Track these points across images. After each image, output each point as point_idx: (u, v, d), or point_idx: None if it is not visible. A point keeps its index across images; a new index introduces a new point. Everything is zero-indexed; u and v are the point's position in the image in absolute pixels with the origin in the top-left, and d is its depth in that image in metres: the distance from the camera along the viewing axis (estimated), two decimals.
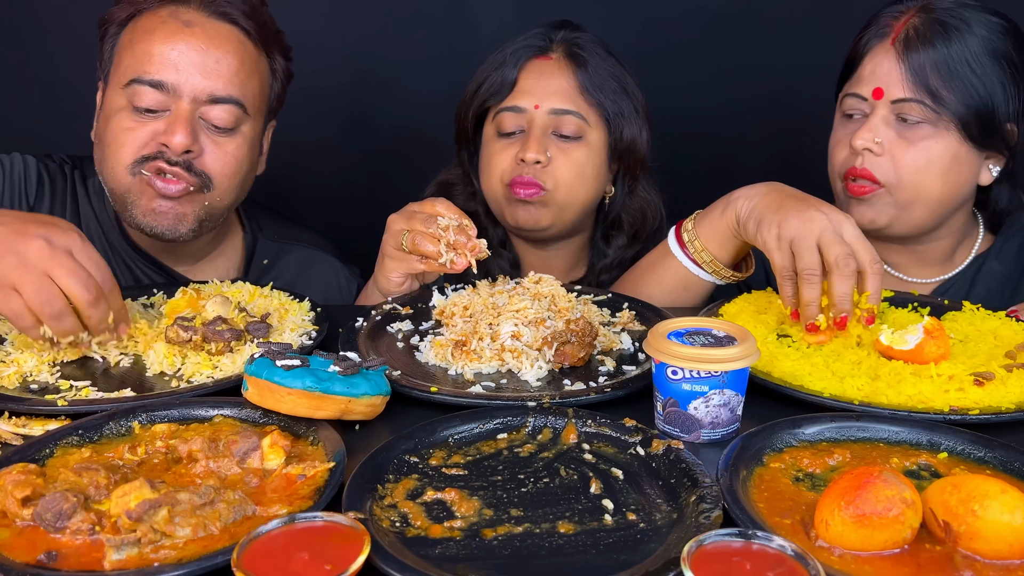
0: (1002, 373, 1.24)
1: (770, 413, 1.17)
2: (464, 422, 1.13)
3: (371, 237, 1.69)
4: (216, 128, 1.65)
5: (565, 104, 1.82)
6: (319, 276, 1.96)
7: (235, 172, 1.69)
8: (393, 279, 1.61)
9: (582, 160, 1.84)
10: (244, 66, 1.67)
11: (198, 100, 1.62)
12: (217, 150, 1.65)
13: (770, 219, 1.44)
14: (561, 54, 1.85)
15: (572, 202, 1.86)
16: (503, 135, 1.85)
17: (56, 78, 2.45)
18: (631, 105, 1.87)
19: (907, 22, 1.66)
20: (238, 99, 1.65)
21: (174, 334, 1.36)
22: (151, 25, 1.63)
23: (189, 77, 1.61)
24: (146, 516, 0.88)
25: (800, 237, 1.38)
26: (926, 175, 1.66)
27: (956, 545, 0.88)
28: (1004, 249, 1.80)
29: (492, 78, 1.86)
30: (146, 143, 1.61)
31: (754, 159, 2.52)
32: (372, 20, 2.49)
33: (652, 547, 0.90)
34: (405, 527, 0.93)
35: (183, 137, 1.59)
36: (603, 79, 1.84)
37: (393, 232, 1.57)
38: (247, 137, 1.71)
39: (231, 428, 1.11)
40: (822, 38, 2.29)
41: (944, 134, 1.65)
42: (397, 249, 1.56)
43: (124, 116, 1.62)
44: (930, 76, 1.62)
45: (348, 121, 2.58)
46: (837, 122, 1.79)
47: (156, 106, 1.61)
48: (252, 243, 1.92)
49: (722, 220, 1.57)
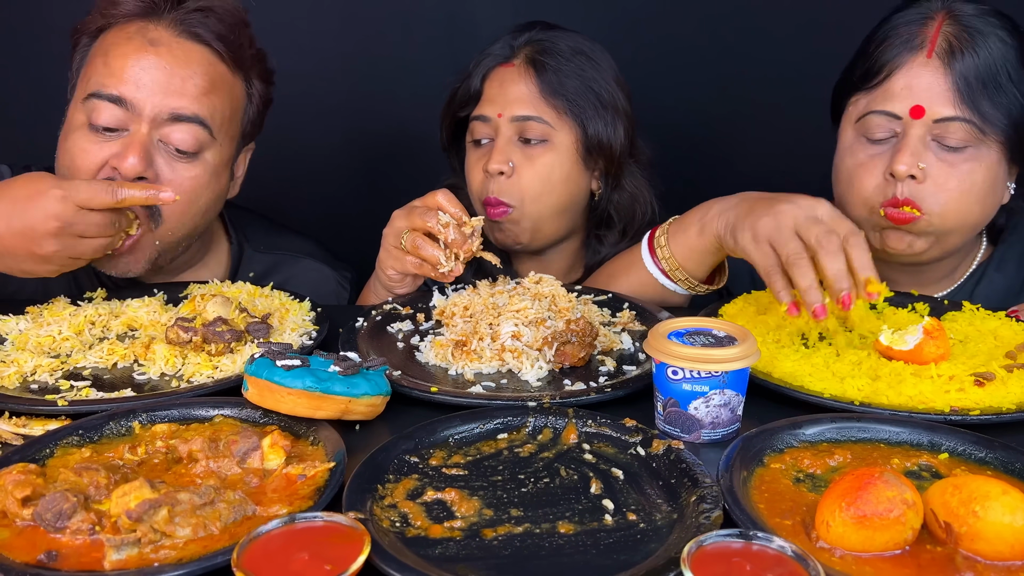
0: (1002, 373, 1.24)
1: (770, 413, 1.17)
2: (464, 422, 1.13)
3: (369, 237, 1.68)
4: (177, 152, 1.56)
5: (526, 110, 1.79)
6: (309, 285, 1.86)
7: (190, 201, 1.59)
8: (392, 276, 1.61)
9: (549, 166, 1.80)
10: (213, 87, 1.58)
11: (158, 119, 1.53)
12: (173, 176, 1.55)
13: (742, 225, 1.39)
14: (522, 60, 1.83)
15: (544, 211, 1.82)
16: (475, 145, 1.86)
17: (38, 87, 2.43)
18: (597, 102, 1.83)
19: (939, 30, 1.52)
20: (203, 119, 1.56)
21: (174, 335, 1.35)
22: (118, 40, 1.56)
23: (151, 95, 1.52)
24: (146, 516, 0.88)
25: (774, 231, 1.33)
26: (969, 200, 1.54)
27: (957, 546, 0.87)
28: (1005, 258, 1.73)
29: (463, 88, 1.87)
30: (99, 167, 1.53)
31: (749, 156, 2.52)
32: (371, 21, 2.49)
33: (652, 547, 0.90)
34: (405, 527, 0.93)
35: (135, 160, 1.50)
36: (566, 79, 1.81)
37: (395, 229, 1.57)
38: (209, 164, 1.60)
39: (231, 428, 1.11)
40: (820, 37, 2.29)
41: (985, 155, 1.52)
42: (396, 247, 1.56)
43: (80, 136, 1.54)
44: (977, 90, 1.48)
45: (346, 122, 2.57)
46: (853, 142, 1.62)
47: (114, 124, 1.53)
48: (238, 253, 1.86)
49: (700, 240, 1.52)
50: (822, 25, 2.33)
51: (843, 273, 1.26)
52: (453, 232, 1.51)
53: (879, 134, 1.57)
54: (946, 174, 1.52)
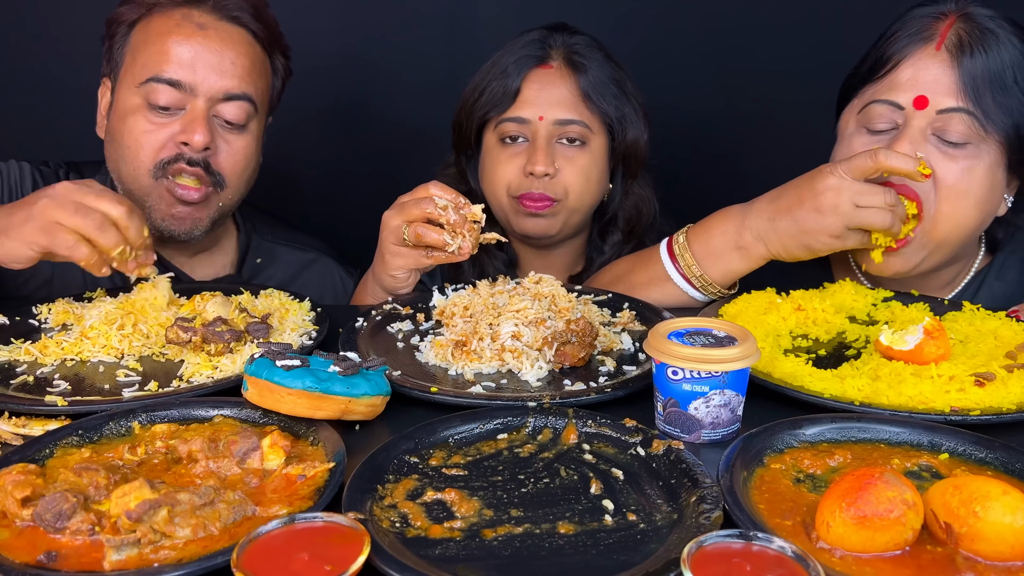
0: (1003, 374, 1.24)
1: (770, 414, 1.17)
2: (464, 422, 1.13)
3: (370, 236, 1.68)
4: (228, 124, 1.71)
5: (569, 114, 1.83)
6: (315, 276, 1.99)
7: (244, 169, 1.76)
8: (399, 276, 1.60)
9: (587, 166, 1.87)
10: (254, 66, 1.74)
11: (213, 99, 1.68)
12: (228, 148, 1.72)
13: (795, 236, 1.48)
14: (561, 62, 1.85)
15: (580, 207, 1.89)
16: (506, 144, 1.85)
17: (50, 84, 2.44)
18: (631, 107, 1.89)
19: (951, 25, 1.52)
20: (251, 96, 1.72)
21: (174, 335, 1.35)
22: (165, 27, 1.68)
23: (205, 77, 1.66)
24: (146, 516, 0.88)
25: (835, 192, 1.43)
26: (966, 202, 1.52)
27: (957, 546, 0.87)
28: (1006, 266, 1.71)
29: (493, 87, 1.85)
30: (164, 145, 1.67)
31: (750, 156, 2.52)
32: (371, 19, 2.49)
33: (652, 548, 0.90)
34: (405, 527, 0.93)
35: (202, 136, 1.65)
36: (603, 84, 1.85)
37: (391, 228, 1.54)
38: (254, 134, 1.77)
39: (231, 428, 1.11)
40: (820, 35, 2.29)
41: (985, 154, 1.51)
42: (398, 244, 1.55)
43: (140, 117, 1.67)
44: (982, 87, 1.48)
45: (346, 120, 2.57)
46: (853, 133, 1.61)
47: (172, 104, 1.66)
48: (246, 242, 1.96)
49: (744, 263, 1.56)
50: (823, 23, 2.33)
51: (903, 159, 1.41)
52: (452, 214, 1.50)
53: (880, 124, 1.56)
54: (944, 168, 1.50)
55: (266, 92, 1.80)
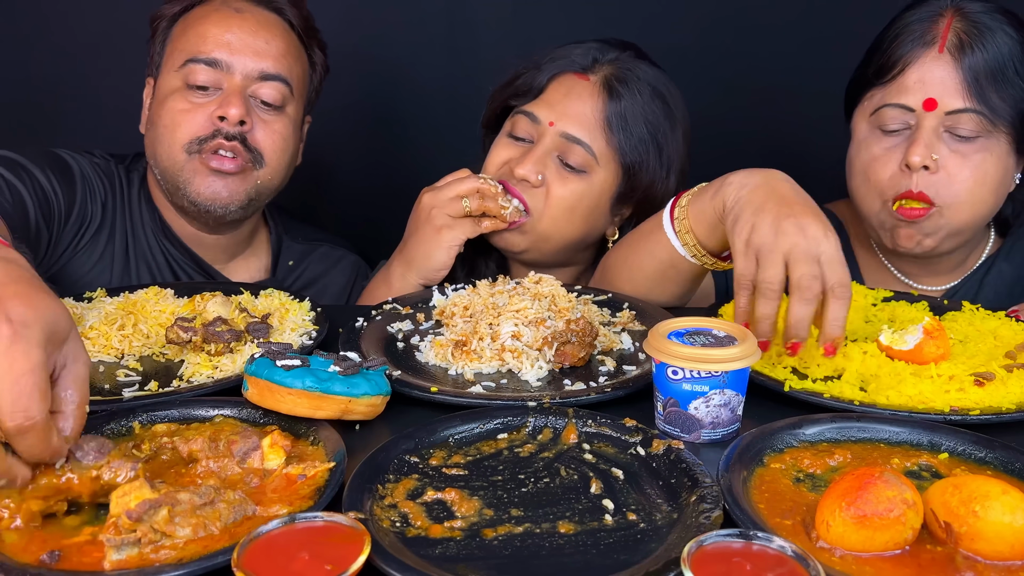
0: (1002, 373, 1.24)
1: (770, 413, 1.17)
2: (464, 422, 1.13)
3: (371, 236, 1.69)
4: (265, 105, 1.74)
5: (579, 132, 1.70)
6: (343, 272, 2.03)
7: (283, 149, 1.78)
8: (454, 248, 1.68)
9: (577, 195, 1.72)
10: (289, 50, 1.78)
11: (249, 77, 1.72)
12: (266, 127, 1.74)
13: (745, 219, 1.28)
14: (600, 79, 1.73)
15: (554, 236, 1.75)
16: (511, 136, 1.79)
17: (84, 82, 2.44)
18: (657, 155, 1.74)
19: (949, 26, 1.57)
20: (286, 78, 1.76)
21: (174, 335, 1.35)
22: (204, 13, 1.75)
23: (241, 56, 1.71)
24: (146, 516, 0.88)
25: (767, 248, 1.23)
26: (982, 190, 1.59)
27: (957, 546, 0.87)
28: (1014, 249, 1.78)
29: (525, 77, 1.78)
30: (202, 124, 1.69)
31: (751, 159, 2.51)
32: (371, 18, 2.49)
33: (652, 547, 0.90)
34: (405, 527, 0.93)
35: (238, 109, 1.68)
36: (634, 121, 1.71)
37: (443, 203, 1.67)
38: (292, 118, 1.80)
39: (231, 428, 1.11)
40: (820, 36, 2.29)
41: (995, 146, 1.59)
42: (457, 215, 1.67)
43: (178, 97, 1.71)
44: (985, 84, 1.55)
45: (346, 119, 2.57)
46: (867, 135, 1.66)
47: (210, 83, 1.70)
48: (278, 244, 1.99)
49: (711, 204, 1.40)
50: (824, 22, 2.33)
51: (803, 324, 1.22)
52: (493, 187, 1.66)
53: (893, 125, 1.62)
54: (959, 164, 1.58)
55: (302, 80, 1.83)
